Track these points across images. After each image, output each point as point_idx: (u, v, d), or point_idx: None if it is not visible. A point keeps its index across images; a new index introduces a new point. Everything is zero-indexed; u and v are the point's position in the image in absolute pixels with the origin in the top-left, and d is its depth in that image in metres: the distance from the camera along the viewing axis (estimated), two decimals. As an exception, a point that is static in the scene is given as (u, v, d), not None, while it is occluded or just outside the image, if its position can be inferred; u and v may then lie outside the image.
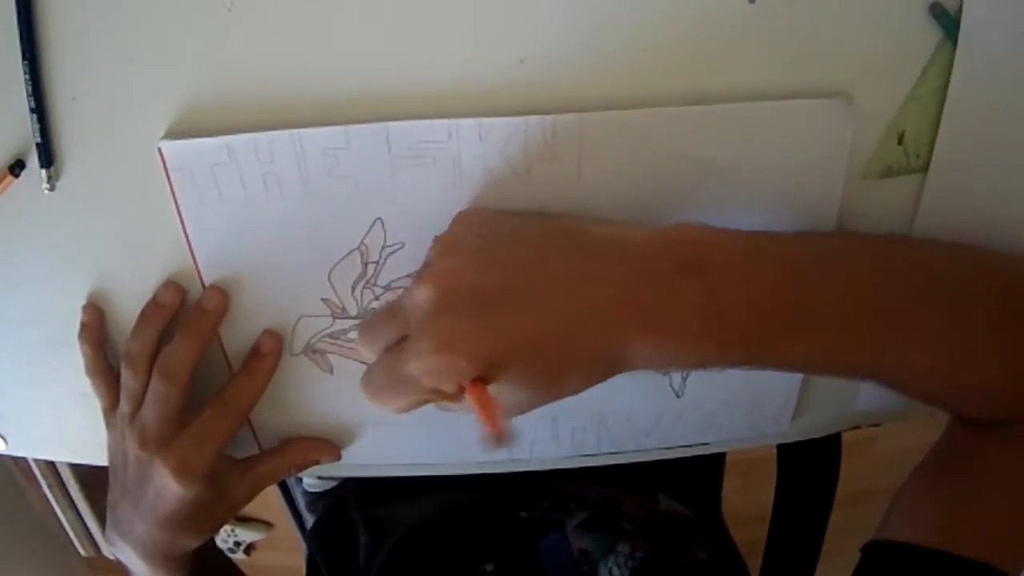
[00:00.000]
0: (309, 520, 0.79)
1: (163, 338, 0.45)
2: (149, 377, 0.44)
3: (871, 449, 1.43)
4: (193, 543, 0.48)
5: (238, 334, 0.46)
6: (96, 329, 0.46)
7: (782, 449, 0.67)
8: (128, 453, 0.46)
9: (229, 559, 0.63)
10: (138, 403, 0.45)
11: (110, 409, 0.47)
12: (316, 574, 0.68)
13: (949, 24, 0.38)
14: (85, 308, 0.46)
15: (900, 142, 0.41)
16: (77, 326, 0.46)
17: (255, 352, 0.47)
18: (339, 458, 0.50)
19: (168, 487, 0.44)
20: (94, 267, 0.45)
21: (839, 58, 0.39)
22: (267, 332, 0.46)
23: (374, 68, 0.38)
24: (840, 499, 0.67)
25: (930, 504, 0.40)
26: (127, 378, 0.45)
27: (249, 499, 0.49)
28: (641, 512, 0.60)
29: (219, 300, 0.44)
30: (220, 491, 0.47)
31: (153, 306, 0.45)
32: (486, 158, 0.40)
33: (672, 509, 0.64)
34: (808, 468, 0.67)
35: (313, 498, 0.77)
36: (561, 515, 0.58)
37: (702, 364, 0.36)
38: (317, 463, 0.50)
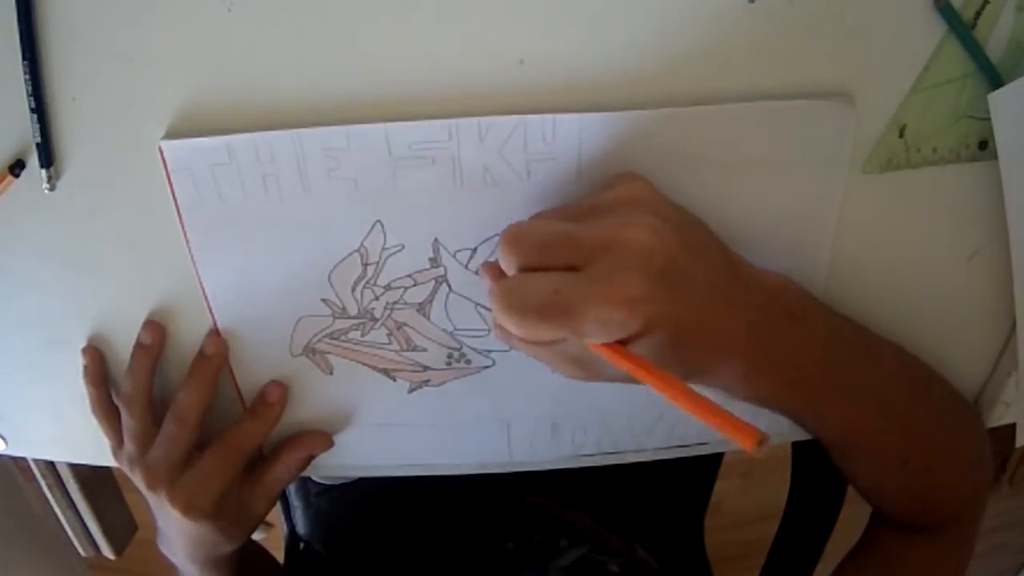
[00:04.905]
0: (296, 505, 0.80)
1: (157, 375, 0.46)
2: (148, 416, 0.45)
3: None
4: (226, 551, 0.50)
5: (240, 335, 0.46)
6: (98, 370, 0.47)
7: (796, 447, 0.67)
8: (140, 488, 0.47)
9: (267, 552, 0.64)
10: (140, 442, 0.46)
11: (117, 447, 0.48)
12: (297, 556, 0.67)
13: (954, 19, 0.38)
14: (85, 351, 0.47)
15: (901, 135, 0.41)
16: (77, 326, 0.46)
17: (262, 400, 0.48)
18: (331, 445, 0.51)
19: (181, 521, 0.46)
20: (94, 267, 0.44)
21: (839, 56, 0.39)
22: (274, 382, 0.48)
23: (374, 68, 0.38)
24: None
25: None
26: (127, 419, 0.46)
27: (268, 508, 0.51)
28: (625, 553, 0.60)
29: (219, 345, 0.46)
30: (235, 513, 0.48)
31: (138, 348, 0.46)
32: (486, 158, 0.40)
33: (646, 559, 0.63)
34: (821, 463, 0.68)
35: (322, 490, 0.78)
36: (549, 554, 0.58)
37: (763, 398, 0.40)
38: (313, 456, 0.51)
